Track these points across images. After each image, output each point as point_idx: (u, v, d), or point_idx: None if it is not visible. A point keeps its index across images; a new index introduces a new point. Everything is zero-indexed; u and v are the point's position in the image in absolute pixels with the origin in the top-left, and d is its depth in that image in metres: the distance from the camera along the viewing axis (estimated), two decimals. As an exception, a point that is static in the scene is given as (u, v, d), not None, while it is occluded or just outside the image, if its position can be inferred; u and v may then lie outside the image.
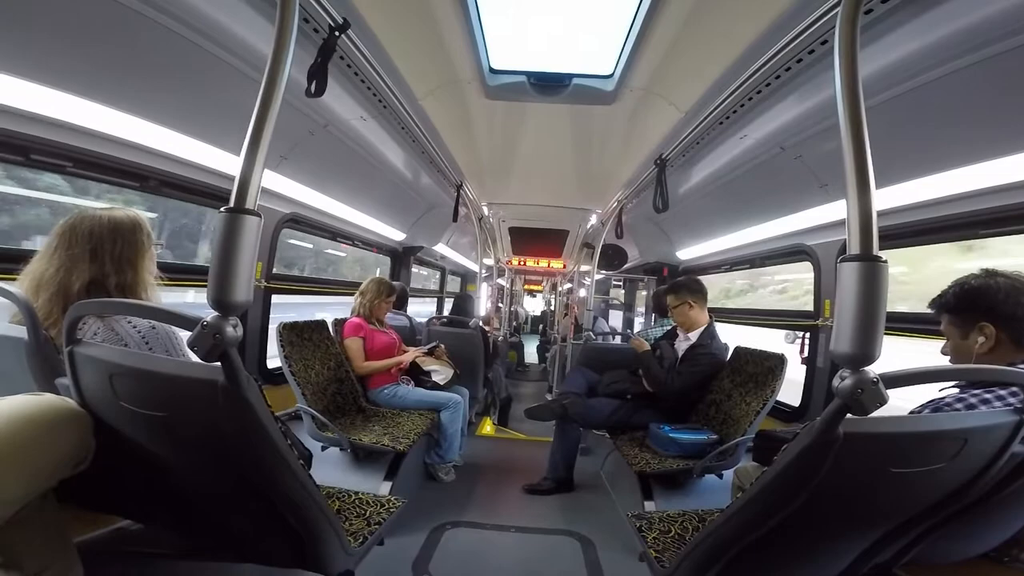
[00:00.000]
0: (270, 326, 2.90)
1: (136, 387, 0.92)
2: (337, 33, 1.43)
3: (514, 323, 9.90)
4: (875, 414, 0.79)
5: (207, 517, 1.19)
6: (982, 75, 1.36)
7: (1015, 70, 1.30)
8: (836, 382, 0.79)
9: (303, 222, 3.18)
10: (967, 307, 1.20)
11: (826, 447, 0.82)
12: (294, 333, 2.54)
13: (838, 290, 0.83)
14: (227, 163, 2.19)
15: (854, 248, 0.82)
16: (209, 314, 0.82)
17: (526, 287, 13.29)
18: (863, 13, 1.15)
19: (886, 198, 2.00)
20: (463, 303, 4.73)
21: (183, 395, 0.90)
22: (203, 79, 1.75)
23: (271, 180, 2.56)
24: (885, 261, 0.80)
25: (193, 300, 2.75)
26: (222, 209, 0.86)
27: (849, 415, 0.79)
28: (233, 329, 0.81)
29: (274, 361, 2.64)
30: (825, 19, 1.20)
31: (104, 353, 0.96)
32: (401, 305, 3.99)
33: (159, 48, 1.55)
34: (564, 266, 6.94)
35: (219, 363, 0.81)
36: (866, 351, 0.78)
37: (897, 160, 1.83)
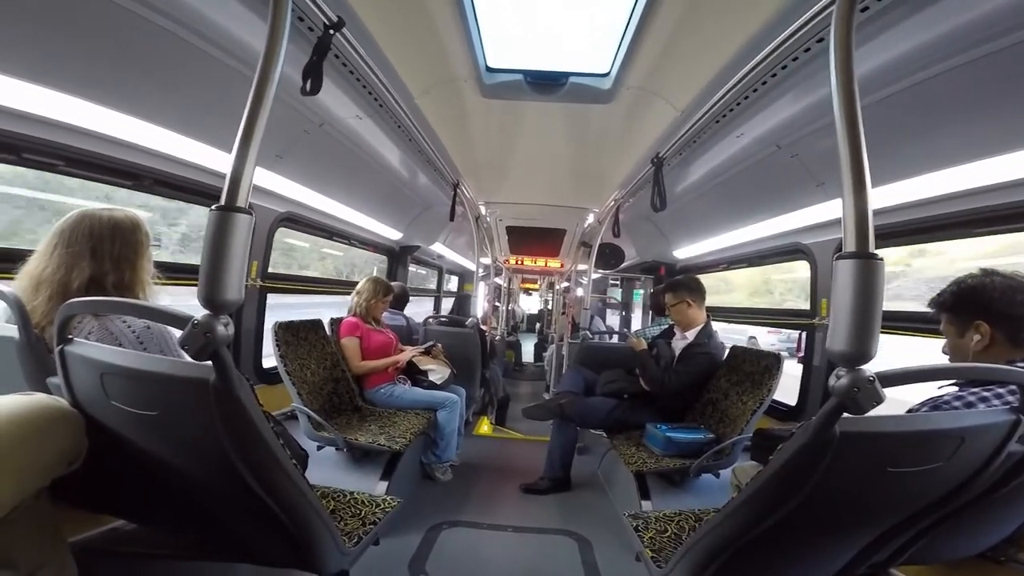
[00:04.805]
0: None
1: (127, 386, 0.92)
2: (332, 31, 1.42)
3: (511, 322, 9.90)
4: (872, 412, 0.78)
5: (202, 517, 1.19)
6: (978, 73, 1.36)
7: (1011, 68, 1.30)
8: (832, 381, 0.78)
9: (299, 221, 3.17)
10: (963, 306, 1.21)
11: (822, 446, 0.81)
12: (290, 332, 2.53)
13: (834, 288, 0.82)
14: (222, 162, 2.17)
15: (850, 245, 0.81)
16: (200, 313, 0.81)
17: (523, 285, 13.27)
18: (859, 11, 1.15)
19: (882, 196, 2.00)
20: (464, 302, 4.72)
21: (174, 394, 0.89)
22: (198, 78, 1.73)
23: (266, 179, 2.54)
24: (881, 259, 0.79)
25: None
26: (213, 207, 0.85)
27: (846, 414, 0.78)
28: (224, 328, 0.80)
29: (270, 361, 2.63)
30: (820, 17, 1.20)
31: (95, 352, 0.95)
32: (401, 305, 3.98)
33: (154, 47, 1.54)
34: (561, 265, 6.93)
35: (210, 362, 0.81)
36: (862, 349, 0.77)
37: (893, 158, 1.83)
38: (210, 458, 0.94)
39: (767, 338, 9.87)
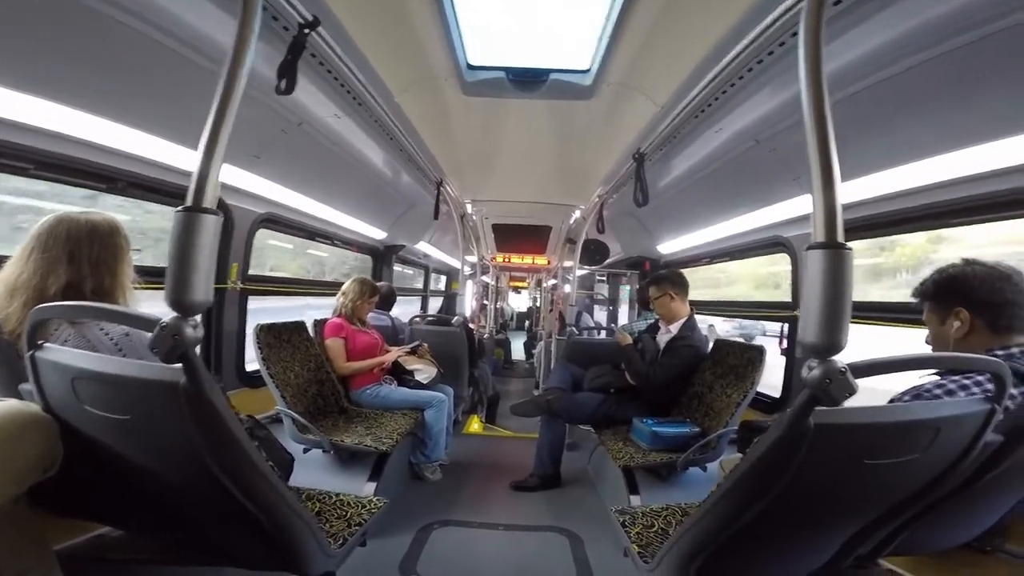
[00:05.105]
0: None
1: (98, 391, 0.91)
2: (306, 30, 1.40)
3: (500, 320, 9.90)
4: (852, 402, 0.78)
5: (182, 521, 1.17)
6: (949, 66, 1.39)
7: (980, 61, 1.33)
8: (804, 372, 0.79)
9: (280, 222, 3.12)
10: (944, 294, 1.23)
11: (797, 439, 0.81)
12: (272, 335, 2.50)
13: (804, 279, 0.83)
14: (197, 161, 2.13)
15: (819, 236, 0.82)
16: (168, 315, 0.80)
17: (511, 283, 13.27)
18: (832, 4, 1.17)
19: (857, 189, 2.03)
20: (453, 301, 4.70)
21: (145, 398, 0.88)
22: (171, 79, 1.70)
23: (244, 179, 2.50)
24: (850, 249, 0.80)
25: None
26: (179, 208, 0.84)
27: (820, 407, 0.79)
28: (192, 330, 0.79)
29: (255, 364, 2.59)
30: (792, 12, 1.21)
31: (66, 358, 0.94)
32: (388, 306, 3.95)
33: (125, 48, 1.50)
34: (548, 262, 6.95)
35: (180, 364, 0.80)
36: (832, 340, 0.78)
37: (868, 151, 1.86)
38: (185, 461, 0.93)
39: (723, 326, 10.26)
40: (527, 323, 12.04)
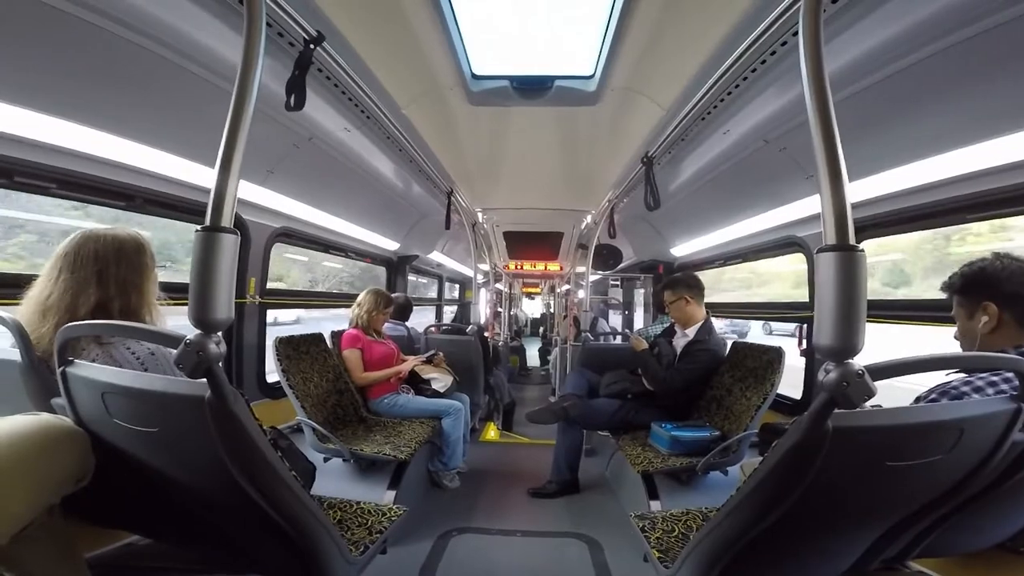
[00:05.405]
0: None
1: (127, 405, 0.94)
2: (312, 46, 1.44)
3: (515, 327, 9.89)
4: (874, 402, 0.77)
5: (208, 530, 1.20)
6: (958, 60, 1.36)
7: (988, 54, 1.31)
8: (821, 375, 0.78)
9: (295, 236, 3.19)
10: (973, 287, 1.21)
11: (816, 442, 0.80)
12: (290, 347, 2.54)
13: (817, 282, 0.82)
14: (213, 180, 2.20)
15: (830, 239, 0.81)
16: (192, 332, 0.83)
17: (524, 290, 13.26)
18: (831, 2, 1.17)
19: (868, 188, 2.00)
20: (467, 310, 4.74)
21: (172, 411, 0.91)
22: (187, 98, 1.76)
23: (259, 195, 2.56)
24: (862, 250, 0.79)
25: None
26: (198, 228, 0.87)
27: (838, 409, 0.77)
28: (216, 346, 0.82)
29: (275, 376, 2.64)
30: (792, 11, 1.20)
31: (95, 373, 0.97)
32: (405, 316, 3.98)
33: (142, 68, 1.56)
34: (561, 268, 6.93)
35: (205, 379, 0.82)
36: (848, 343, 0.77)
37: (879, 149, 1.83)
38: (211, 471, 0.96)
39: (717, 324, 10.23)
40: (541, 329, 12.01)
